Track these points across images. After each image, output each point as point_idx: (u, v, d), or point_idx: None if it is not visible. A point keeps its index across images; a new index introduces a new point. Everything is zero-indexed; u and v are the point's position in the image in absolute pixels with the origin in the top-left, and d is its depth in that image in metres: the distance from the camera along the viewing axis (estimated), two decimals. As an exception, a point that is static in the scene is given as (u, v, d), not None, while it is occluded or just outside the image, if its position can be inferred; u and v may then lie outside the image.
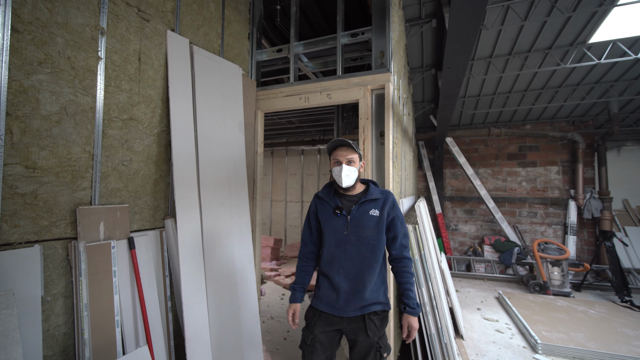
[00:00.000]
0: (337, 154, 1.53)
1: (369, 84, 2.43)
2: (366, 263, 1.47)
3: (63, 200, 1.47)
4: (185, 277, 1.84)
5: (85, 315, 1.44)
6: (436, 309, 2.35)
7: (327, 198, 1.58)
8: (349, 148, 1.53)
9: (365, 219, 1.49)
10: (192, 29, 2.24)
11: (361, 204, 1.52)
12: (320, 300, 1.53)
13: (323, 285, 1.54)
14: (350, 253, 1.48)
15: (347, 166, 1.50)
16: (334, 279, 1.49)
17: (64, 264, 1.46)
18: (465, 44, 1.83)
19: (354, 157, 1.52)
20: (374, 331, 1.47)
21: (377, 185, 1.62)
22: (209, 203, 2.13)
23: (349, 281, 1.47)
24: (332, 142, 1.55)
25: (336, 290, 1.48)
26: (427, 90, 5.44)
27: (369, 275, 1.47)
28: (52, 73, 1.42)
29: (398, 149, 2.94)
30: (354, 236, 1.48)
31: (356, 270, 1.47)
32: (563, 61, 4.07)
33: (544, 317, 3.51)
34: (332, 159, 1.56)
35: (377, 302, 1.49)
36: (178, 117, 2.00)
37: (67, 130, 1.48)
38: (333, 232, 1.51)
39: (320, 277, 1.57)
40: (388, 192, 1.59)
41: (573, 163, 5.57)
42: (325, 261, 1.54)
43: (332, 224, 1.52)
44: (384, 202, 1.53)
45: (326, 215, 1.55)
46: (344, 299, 1.47)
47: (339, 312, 1.48)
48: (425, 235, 2.43)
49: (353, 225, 1.49)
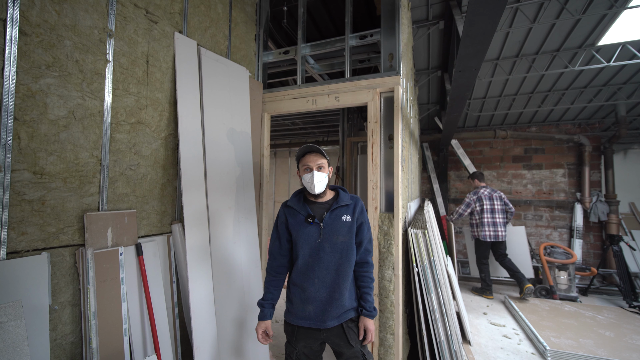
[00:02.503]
0: (306, 160, 1.52)
1: (378, 87, 2.40)
2: (341, 270, 1.47)
3: (71, 206, 1.44)
4: (193, 283, 1.81)
5: (93, 324, 1.41)
6: (446, 315, 2.32)
7: (297, 207, 1.55)
8: (318, 154, 1.53)
9: (338, 225, 1.49)
10: (200, 30, 2.21)
11: (333, 210, 1.51)
12: (295, 315, 1.51)
13: (295, 298, 1.52)
14: (325, 261, 1.47)
15: (318, 172, 1.49)
16: (308, 290, 1.47)
17: (72, 272, 1.44)
18: (480, 48, 1.80)
19: (324, 163, 1.52)
20: (355, 339, 1.49)
21: (346, 191, 1.62)
22: (216, 207, 2.10)
23: (325, 289, 1.46)
24: (301, 148, 1.55)
25: (310, 302, 1.47)
26: (432, 92, 5.40)
27: (345, 282, 1.48)
28: (60, 76, 1.39)
29: (406, 153, 2.91)
30: (328, 243, 1.47)
31: (331, 278, 1.47)
32: (571, 63, 4.03)
33: (552, 322, 3.46)
34: (301, 166, 1.55)
35: (352, 307, 1.51)
36: (186, 120, 1.97)
37: (75, 134, 1.45)
38: (306, 242, 1.49)
39: (292, 288, 1.54)
40: (357, 197, 1.60)
41: (579, 166, 5.52)
42: (298, 272, 1.52)
43: (305, 233, 1.50)
44: (354, 208, 1.54)
45: (297, 225, 1.52)
46: (320, 309, 1.46)
47: (317, 323, 1.46)
48: (435, 240, 2.39)
49: (326, 232, 1.48)
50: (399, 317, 2.22)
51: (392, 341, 2.24)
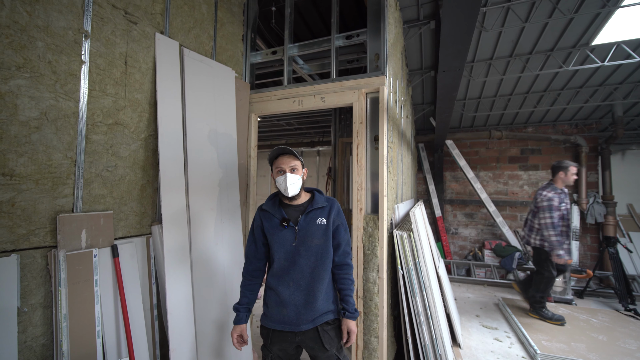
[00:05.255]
0: (279, 162, 1.51)
1: (363, 88, 2.38)
2: (316, 273, 1.47)
3: (43, 208, 1.43)
4: (171, 284, 1.80)
5: (64, 326, 1.40)
6: (431, 318, 2.29)
7: (272, 210, 1.55)
8: (290, 156, 1.52)
9: (312, 228, 1.48)
10: (183, 31, 2.21)
11: (308, 213, 1.50)
12: (270, 318, 1.51)
13: (270, 301, 1.52)
14: (299, 264, 1.46)
15: (291, 174, 1.48)
16: (283, 293, 1.46)
17: (43, 274, 1.43)
18: (460, 47, 1.77)
19: (297, 165, 1.51)
20: (330, 343, 1.47)
21: (322, 193, 1.61)
22: (198, 209, 2.09)
23: (300, 292, 1.46)
24: (273, 151, 1.54)
25: (285, 305, 1.46)
26: (426, 92, 5.37)
27: (320, 285, 1.46)
28: (31, 78, 1.38)
29: (394, 153, 2.88)
30: (303, 247, 1.47)
31: (306, 281, 1.46)
32: (565, 63, 3.99)
33: (544, 325, 3.43)
34: (274, 168, 1.54)
35: (328, 311, 1.50)
36: (165, 121, 1.96)
37: (48, 136, 1.45)
38: (281, 245, 1.49)
39: (267, 291, 1.54)
40: (333, 199, 1.59)
41: (576, 167, 5.47)
42: (273, 275, 1.52)
43: (280, 236, 1.49)
44: (330, 210, 1.53)
45: (272, 228, 1.52)
46: (295, 312, 1.45)
47: (292, 327, 1.46)
48: (421, 242, 2.37)
49: (301, 235, 1.47)
50: (383, 320, 2.20)
51: (376, 344, 2.22)
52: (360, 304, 2.28)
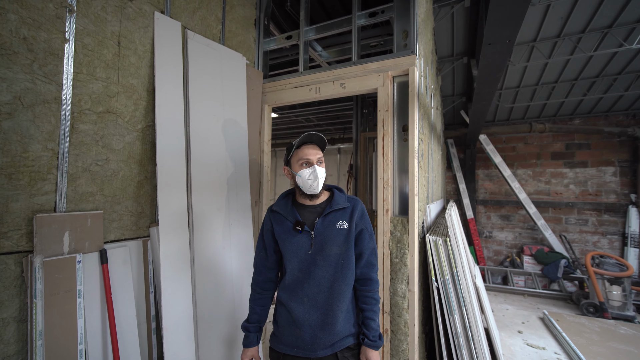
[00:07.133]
0: (304, 153, 1.26)
1: (389, 70, 2.05)
2: (335, 288, 1.20)
3: (18, 206, 1.24)
4: (168, 296, 1.58)
5: (39, 344, 1.20)
6: (472, 340, 1.93)
7: (284, 211, 1.29)
8: (317, 146, 1.29)
9: (332, 233, 1.22)
10: (187, 12, 1.99)
11: (326, 215, 1.24)
12: (281, 340, 1.26)
13: (281, 320, 1.27)
14: (316, 277, 1.21)
15: (319, 167, 1.24)
16: (296, 311, 1.21)
17: (18, 283, 1.24)
18: (514, 9, 1.40)
19: (323, 157, 1.29)
20: None
21: (342, 192, 1.34)
22: (201, 209, 1.86)
23: (316, 312, 1.20)
24: (302, 137, 1.26)
25: (298, 326, 1.20)
26: (457, 82, 4.90)
27: (340, 303, 1.20)
28: (1, 55, 1.19)
29: (425, 147, 2.53)
30: (320, 256, 1.21)
31: (324, 298, 1.20)
32: (627, 41, 3.42)
33: (604, 348, 2.92)
34: (297, 160, 1.27)
35: (349, 334, 1.24)
36: (164, 109, 1.74)
37: (23, 124, 1.25)
38: (295, 253, 1.24)
39: (278, 308, 1.29)
40: (356, 199, 1.32)
41: (634, 163, 4.79)
42: (285, 288, 1.26)
43: (293, 243, 1.24)
44: (352, 212, 1.26)
45: (285, 233, 1.26)
46: (310, 335, 1.19)
47: (305, 352, 1.20)
48: (459, 249, 2.01)
49: (318, 242, 1.22)
50: (414, 341, 1.86)
51: (405, 369, 1.89)
52: (386, 321, 1.95)
